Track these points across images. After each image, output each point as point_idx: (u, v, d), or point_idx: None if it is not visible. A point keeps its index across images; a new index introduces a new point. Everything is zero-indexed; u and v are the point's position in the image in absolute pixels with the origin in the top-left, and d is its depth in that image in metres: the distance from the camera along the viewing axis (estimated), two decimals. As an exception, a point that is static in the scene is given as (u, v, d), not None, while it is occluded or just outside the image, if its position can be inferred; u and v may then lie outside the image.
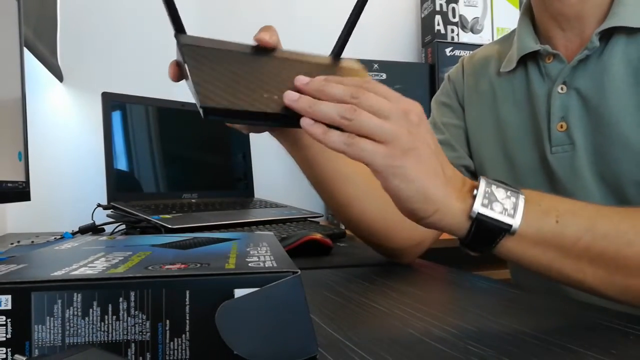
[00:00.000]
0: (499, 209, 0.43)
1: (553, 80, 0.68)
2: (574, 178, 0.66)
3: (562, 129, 0.67)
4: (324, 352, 0.34)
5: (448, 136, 0.78)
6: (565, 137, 0.67)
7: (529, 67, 0.72)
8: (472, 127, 0.79)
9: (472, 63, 0.82)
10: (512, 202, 0.43)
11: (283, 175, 1.49)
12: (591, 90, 0.65)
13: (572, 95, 0.67)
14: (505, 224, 0.43)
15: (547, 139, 0.68)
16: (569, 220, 0.44)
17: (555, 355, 0.34)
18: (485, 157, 0.76)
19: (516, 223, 0.43)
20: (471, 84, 0.80)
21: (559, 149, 0.67)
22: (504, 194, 0.44)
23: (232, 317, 0.29)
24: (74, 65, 1.38)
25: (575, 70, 0.66)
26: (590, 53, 0.65)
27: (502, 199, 0.43)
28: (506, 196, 0.44)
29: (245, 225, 0.98)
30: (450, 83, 0.83)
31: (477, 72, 0.80)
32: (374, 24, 1.72)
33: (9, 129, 0.76)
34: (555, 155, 0.67)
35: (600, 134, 0.64)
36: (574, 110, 0.66)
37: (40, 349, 0.28)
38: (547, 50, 0.69)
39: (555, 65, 0.68)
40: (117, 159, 1.10)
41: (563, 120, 0.67)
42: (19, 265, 0.33)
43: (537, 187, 0.69)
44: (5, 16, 0.76)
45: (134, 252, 0.38)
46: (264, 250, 0.39)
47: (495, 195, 0.43)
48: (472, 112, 0.79)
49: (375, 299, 0.50)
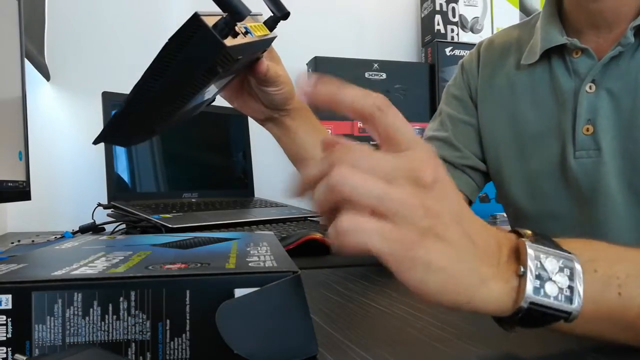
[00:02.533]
0: (554, 291, 0.33)
1: (581, 77, 0.64)
2: (597, 186, 0.62)
3: (588, 132, 0.62)
4: (324, 352, 0.34)
5: (451, 134, 0.75)
6: (591, 142, 0.62)
7: (553, 61, 0.67)
8: (486, 124, 0.74)
9: (489, 51, 0.76)
10: (567, 276, 0.33)
11: (283, 175, 1.49)
12: (623, 91, 0.61)
13: (602, 95, 0.62)
14: (564, 312, 0.32)
15: (570, 142, 0.64)
16: (634, 291, 0.34)
17: (555, 355, 0.34)
18: (500, 156, 0.72)
19: (576, 310, 0.33)
20: (486, 75, 0.75)
21: (583, 153, 0.63)
22: (555, 264, 0.33)
23: (232, 317, 0.29)
24: (60, 64, 1.37)
25: (606, 68, 0.62)
26: (624, 50, 0.60)
27: (554, 274, 0.33)
28: (559, 269, 0.33)
29: (245, 225, 0.98)
30: (464, 74, 0.78)
31: (494, 62, 0.74)
32: (374, 24, 1.72)
33: (9, 129, 0.76)
34: (579, 160, 0.63)
35: (631, 140, 0.60)
36: (603, 112, 0.62)
37: (40, 349, 0.28)
38: (575, 45, 0.64)
39: (584, 60, 0.63)
40: (117, 158, 1.10)
41: (590, 122, 0.62)
42: (19, 264, 0.33)
43: (554, 193, 0.66)
44: (5, 16, 0.76)
45: (135, 252, 0.38)
46: (264, 250, 0.39)
47: (546, 270, 0.33)
48: (486, 108, 0.74)
49: (375, 298, 0.50)
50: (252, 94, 0.67)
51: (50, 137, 1.35)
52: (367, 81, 1.57)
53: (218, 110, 1.28)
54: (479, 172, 0.75)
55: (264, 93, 0.64)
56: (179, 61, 0.45)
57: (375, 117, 0.32)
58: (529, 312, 0.32)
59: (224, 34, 0.45)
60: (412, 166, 0.30)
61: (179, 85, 0.48)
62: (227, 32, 0.45)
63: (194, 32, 0.44)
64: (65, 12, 1.40)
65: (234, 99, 0.68)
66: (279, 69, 0.64)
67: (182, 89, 0.49)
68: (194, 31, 0.44)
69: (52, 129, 1.37)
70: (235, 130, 1.38)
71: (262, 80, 0.63)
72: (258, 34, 0.54)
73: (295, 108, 0.68)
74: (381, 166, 0.30)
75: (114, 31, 1.42)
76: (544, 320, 0.33)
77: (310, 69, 1.56)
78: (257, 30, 0.54)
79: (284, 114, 0.67)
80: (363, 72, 1.57)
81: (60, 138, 1.37)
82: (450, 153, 0.74)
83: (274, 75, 0.63)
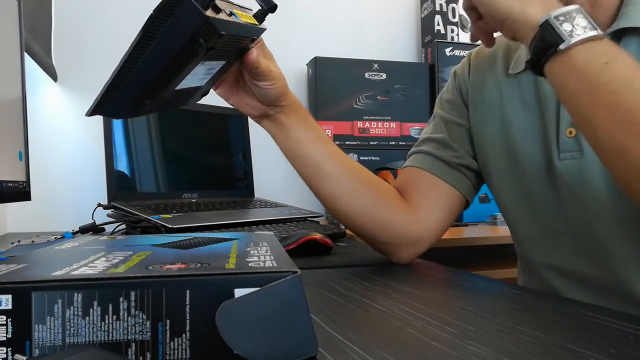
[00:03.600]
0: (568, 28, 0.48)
1: None
2: (582, 185, 0.63)
3: (570, 135, 0.64)
4: (324, 352, 0.34)
5: (446, 136, 0.77)
6: (574, 143, 0.64)
7: None
8: (477, 127, 0.77)
9: (479, 58, 0.79)
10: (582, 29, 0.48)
11: (283, 175, 1.50)
12: None
13: None
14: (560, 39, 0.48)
15: (555, 145, 0.66)
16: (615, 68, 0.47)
17: (555, 355, 0.34)
18: (489, 159, 0.74)
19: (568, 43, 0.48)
20: (477, 81, 0.77)
21: (567, 155, 0.64)
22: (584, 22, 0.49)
23: (232, 317, 0.30)
24: (68, 65, 1.38)
25: None
26: None
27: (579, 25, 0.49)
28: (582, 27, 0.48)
29: (245, 225, 0.98)
30: (456, 80, 0.81)
31: (484, 68, 0.77)
32: (373, 24, 1.73)
33: (10, 129, 0.76)
34: (563, 161, 0.65)
35: None
36: None
37: (40, 349, 0.29)
38: None
39: None
40: (117, 158, 1.10)
41: (572, 125, 0.64)
42: (19, 265, 0.33)
43: (543, 193, 0.68)
44: (5, 16, 0.76)
45: (135, 252, 0.38)
46: (264, 250, 0.39)
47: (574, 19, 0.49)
48: (477, 111, 0.77)
49: (375, 299, 0.50)
50: (247, 90, 0.68)
51: (52, 137, 1.35)
52: (367, 81, 1.57)
53: (218, 110, 1.28)
54: (475, 172, 0.77)
55: (257, 88, 0.66)
56: (163, 31, 0.48)
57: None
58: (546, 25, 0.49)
59: (205, 6, 0.48)
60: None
61: (164, 55, 0.50)
62: (208, 3, 0.48)
63: (177, 3, 0.47)
64: (72, 14, 1.40)
65: (230, 95, 0.69)
66: (271, 65, 0.66)
67: (167, 61, 0.51)
68: (176, 1, 0.47)
69: (58, 130, 1.37)
70: (235, 130, 1.38)
71: (254, 74, 0.64)
72: (244, 19, 0.57)
73: (289, 105, 0.69)
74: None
75: (121, 32, 1.42)
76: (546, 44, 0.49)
77: (310, 69, 1.56)
78: (243, 17, 0.57)
79: (278, 110, 0.68)
80: (363, 72, 1.57)
81: (63, 138, 1.37)
82: (446, 153, 0.75)
83: (266, 70, 0.64)
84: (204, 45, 0.50)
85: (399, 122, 1.60)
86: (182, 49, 0.50)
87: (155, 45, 0.49)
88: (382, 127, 1.59)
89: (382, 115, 1.59)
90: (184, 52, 0.51)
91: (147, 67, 0.50)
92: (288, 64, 0.68)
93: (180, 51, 0.50)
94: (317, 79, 1.52)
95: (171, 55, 0.50)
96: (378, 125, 1.58)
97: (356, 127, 1.56)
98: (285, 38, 1.56)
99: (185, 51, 0.51)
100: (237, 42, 0.59)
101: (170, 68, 0.52)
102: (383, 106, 1.59)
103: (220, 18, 0.51)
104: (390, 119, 1.59)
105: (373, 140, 1.58)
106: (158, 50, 0.49)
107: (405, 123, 1.61)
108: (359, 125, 1.57)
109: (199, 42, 0.50)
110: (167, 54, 0.50)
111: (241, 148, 1.38)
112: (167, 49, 0.50)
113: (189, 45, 0.50)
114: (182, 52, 0.51)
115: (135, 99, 0.54)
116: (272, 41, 0.69)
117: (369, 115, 1.57)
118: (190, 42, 0.49)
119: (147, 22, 0.48)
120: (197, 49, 0.51)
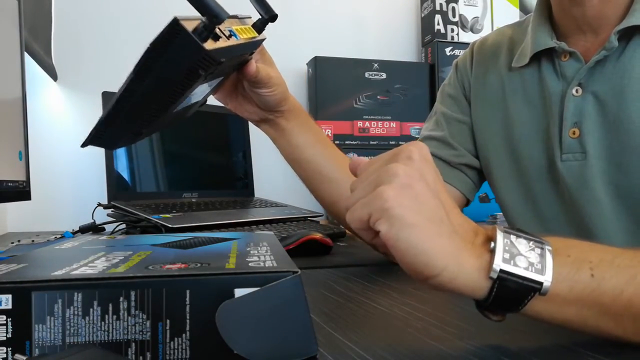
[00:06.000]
0: (524, 264, 0.34)
1: (568, 81, 0.64)
2: (584, 188, 0.62)
3: (574, 136, 0.63)
4: (324, 352, 0.34)
5: (447, 134, 0.76)
6: (577, 145, 0.63)
7: (543, 64, 0.67)
8: (478, 122, 0.75)
9: (482, 51, 0.77)
10: (538, 254, 0.35)
11: (283, 175, 1.49)
12: (609, 95, 0.61)
13: (588, 99, 0.62)
14: (535, 282, 0.34)
15: (557, 145, 0.64)
16: (606, 272, 0.35)
17: (555, 354, 0.34)
18: (491, 156, 0.73)
19: (547, 280, 0.34)
20: (480, 74, 0.75)
21: (569, 156, 0.63)
22: (526, 245, 0.35)
23: (232, 317, 0.30)
24: (68, 65, 1.38)
25: (592, 71, 0.62)
26: (609, 54, 0.61)
27: (525, 251, 0.35)
28: (529, 248, 0.35)
29: (245, 225, 0.98)
30: (458, 73, 0.79)
31: (487, 61, 0.75)
32: (374, 23, 1.73)
33: (10, 129, 0.76)
34: (565, 162, 0.64)
35: (617, 143, 0.60)
36: (589, 115, 0.62)
37: (40, 349, 0.29)
38: (563, 48, 0.64)
39: (572, 64, 0.64)
40: (117, 158, 1.10)
41: (576, 126, 0.63)
42: (19, 264, 0.33)
43: (545, 193, 0.67)
44: (5, 16, 0.76)
45: (135, 252, 0.38)
46: (264, 250, 0.39)
47: (516, 248, 0.35)
48: (479, 106, 0.75)
49: (375, 298, 0.50)
50: (245, 96, 0.67)
51: (53, 137, 1.35)
52: (367, 81, 1.57)
53: (218, 110, 1.27)
54: (476, 170, 0.76)
55: (257, 95, 0.64)
56: (161, 65, 0.45)
57: None
58: (501, 286, 0.34)
59: (203, 38, 0.45)
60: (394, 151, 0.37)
61: (161, 88, 0.48)
62: (207, 35, 0.45)
63: (174, 37, 0.44)
64: (72, 13, 1.40)
65: (228, 100, 0.68)
66: (271, 71, 0.64)
67: (165, 92, 0.49)
68: (174, 35, 0.44)
69: (58, 129, 1.37)
70: (235, 130, 1.38)
71: (253, 82, 0.63)
72: (244, 36, 0.55)
73: (290, 109, 0.68)
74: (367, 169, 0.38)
75: (121, 32, 1.42)
76: (517, 296, 0.34)
77: (310, 69, 1.56)
78: (242, 33, 0.55)
79: (278, 115, 0.67)
80: (363, 72, 1.57)
81: (63, 138, 1.37)
82: (446, 152, 0.74)
83: (266, 77, 0.63)
84: (203, 75, 0.48)
85: (399, 121, 1.60)
86: (180, 81, 0.48)
87: (152, 79, 0.46)
88: (382, 127, 1.59)
89: (382, 115, 1.59)
90: (181, 83, 0.48)
91: (143, 101, 0.48)
92: (288, 64, 0.68)
93: (178, 83, 0.48)
94: (317, 78, 1.52)
95: (169, 87, 0.48)
96: (378, 125, 1.58)
97: (356, 127, 1.56)
98: (285, 37, 1.56)
99: (183, 82, 0.48)
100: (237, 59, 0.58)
101: (167, 99, 0.50)
102: (383, 106, 1.59)
103: (220, 47, 0.48)
104: (390, 119, 1.59)
105: (373, 140, 1.58)
106: (155, 84, 0.47)
107: (405, 123, 1.61)
108: (359, 125, 1.57)
109: (198, 73, 0.47)
110: (164, 87, 0.48)
111: (241, 148, 1.38)
112: (165, 82, 0.47)
113: (187, 77, 0.48)
114: (180, 83, 0.48)
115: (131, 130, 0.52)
116: (272, 40, 0.69)
117: (369, 115, 1.57)
118: (188, 74, 0.47)
119: (143, 55, 0.45)
120: (195, 79, 0.49)
